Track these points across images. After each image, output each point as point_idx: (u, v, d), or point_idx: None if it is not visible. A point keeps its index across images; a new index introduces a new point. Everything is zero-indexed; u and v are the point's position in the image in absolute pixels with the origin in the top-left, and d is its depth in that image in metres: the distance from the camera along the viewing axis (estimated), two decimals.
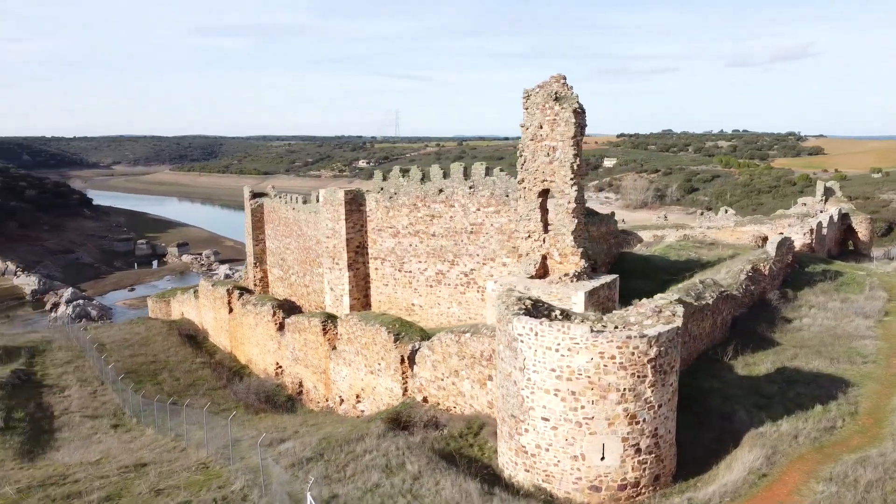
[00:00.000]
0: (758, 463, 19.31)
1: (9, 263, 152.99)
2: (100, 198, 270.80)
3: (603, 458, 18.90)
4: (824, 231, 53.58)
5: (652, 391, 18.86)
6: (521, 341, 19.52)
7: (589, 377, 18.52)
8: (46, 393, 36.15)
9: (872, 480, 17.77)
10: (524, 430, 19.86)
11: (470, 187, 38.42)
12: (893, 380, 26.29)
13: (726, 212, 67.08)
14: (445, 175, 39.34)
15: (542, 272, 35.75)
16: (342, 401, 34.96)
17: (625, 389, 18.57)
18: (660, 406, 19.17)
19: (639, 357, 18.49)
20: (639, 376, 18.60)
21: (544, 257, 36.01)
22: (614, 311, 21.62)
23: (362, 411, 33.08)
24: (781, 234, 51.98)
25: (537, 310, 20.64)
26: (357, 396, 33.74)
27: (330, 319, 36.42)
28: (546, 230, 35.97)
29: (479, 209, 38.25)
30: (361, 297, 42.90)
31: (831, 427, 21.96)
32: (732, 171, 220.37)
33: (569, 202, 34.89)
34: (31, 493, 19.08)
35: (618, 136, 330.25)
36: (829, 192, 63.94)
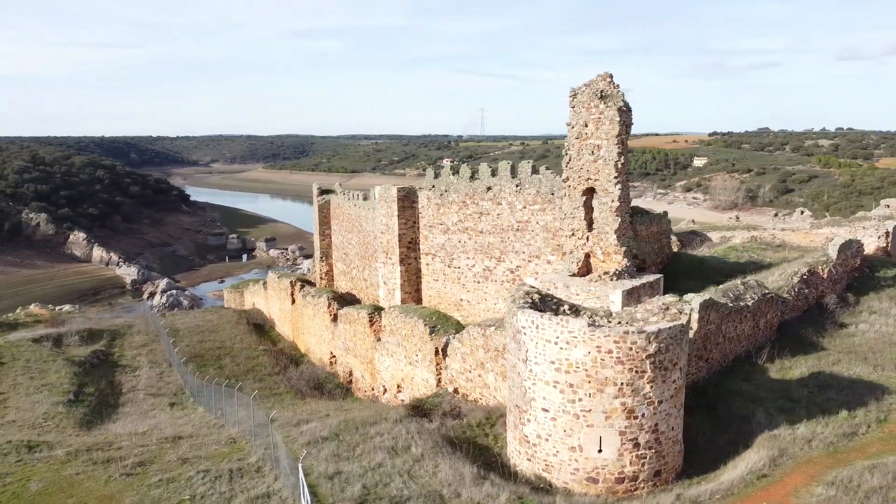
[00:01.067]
0: (760, 464, 19.10)
1: (112, 254, 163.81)
2: (198, 194, 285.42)
3: (600, 451, 19.19)
4: None
5: (651, 387, 18.99)
6: (524, 334, 20.05)
7: (586, 370, 18.86)
8: (119, 372, 39.17)
9: (876, 487, 17.31)
10: (526, 420, 20.38)
11: (517, 185, 38.89)
12: None
13: (802, 213, 64.42)
14: (493, 173, 39.94)
15: (586, 270, 35.86)
16: (385, 390, 36.23)
17: (622, 384, 18.79)
18: (660, 402, 19.26)
19: (637, 352, 18.67)
20: (637, 371, 18.78)
21: (588, 255, 36.11)
22: (625, 308, 21.77)
23: (402, 400, 34.19)
24: (853, 237, 49.73)
25: (545, 304, 21.08)
26: (398, 386, 34.92)
27: (377, 312, 37.79)
28: (590, 228, 36.06)
29: (525, 207, 38.66)
30: (413, 291, 44.08)
31: (852, 433, 21.33)
32: (832, 172, 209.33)
33: (612, 201, 34.88)
34: (78, 455, 21.16)
35: (710, 135, 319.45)
36: None
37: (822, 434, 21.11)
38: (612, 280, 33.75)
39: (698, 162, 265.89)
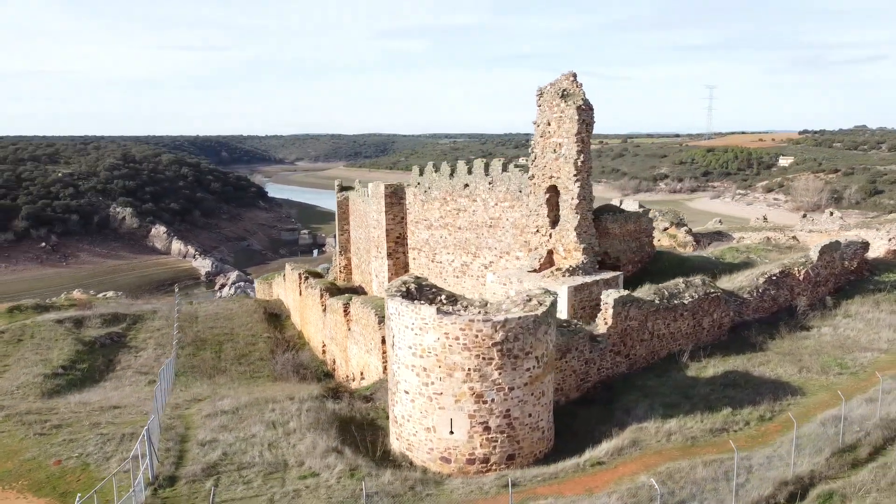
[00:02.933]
0: (602, 452, 19.71)
1: (189, 247, 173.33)
2: (280, 191, 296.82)
3: (452, 433, 20.25)
4: None
5: (500, 374, 19.88)
6: (392, 320, 21.33)
7: (437, 355, 19.97)
8: (124, 352, 42.66)
9: (700, 478, 17.72)
10: (395, 401, 21.65)
11: (489, 183, 39.83)
12: (852, 392, 24.55)
13: (831, 214, 61.92)
14: (470, 171, 41.00)
15: (549, 266, 36.49)
16: (353, 378, 38.04)
17: (470, 369, 19.79)
18: (511, 389, 20.12)
19: (483, 340, 19.62)
20: (484, 358, 19.73)
21: (550, 252, 36.77)
22: (507, 300, 22.62)
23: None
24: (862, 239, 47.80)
25: (422, 293, 22.26)
26: (361, 373, 36.65)
27: (349, 302, 39.61)
28: (554, 226, 36.67)
29: (496, 204, 39.57)
30: None
31: (723, 430, 21.49)
32: None
33: (573, 198, 35.42)
34: (12, 418, 24.00)
35: (799, 133, 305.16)
36: None
37: (690, 428, 21.39)
38: (563, 276, 34.31)
39: (784, 161, 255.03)
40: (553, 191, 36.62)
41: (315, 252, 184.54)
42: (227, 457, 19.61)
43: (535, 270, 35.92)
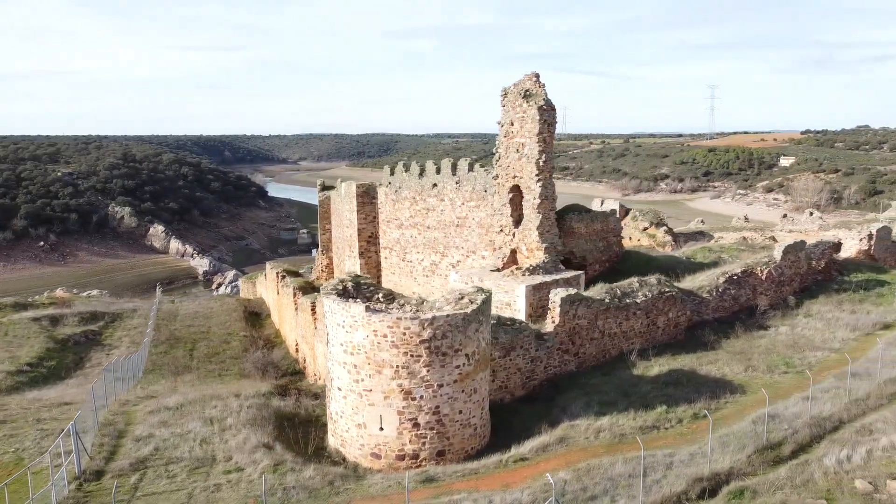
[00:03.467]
0: (526, 449, 19.95)
1: (188, 247, 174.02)
2: (283, 191, 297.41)
3: (382, 429, 20.53)
4: None
5: (428, 371, 20.15)
6: (326, 318, 21.63)
7: (366, 352, 20.25)
8: (97, 350, 43.09)
9: (618, 474, 17.92)
10: (331, 398, 21.96)
11: (457, 182, 40.11)
12: (793, 390, 24.75)
13: (811, 214, 61.98)
14: (438, 171, 41.27)
15: (512, 265, 36.73)
16: (319, 375, 38.33)
17: (398, 367, 20.06)
18: (440, 386, 20.38)
19: (411, 337, 19.89)
20: (412, 355, 19.99)
21: (514, 251, 37.01)
22: (443, 296, 22.85)
23: None
24: (838, 239, 47.93)
25: (359, 291, 22.54)
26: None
27: (317, 301, 39.90)
28: (517, 225, 36.90)
29: (463, 203, 39.84)
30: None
31: (654, 427, 21.70)
32: None
33: (534, 198, 35.66)
34: None
35: (802, 133, 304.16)
36: None
37: (621, 426, 21.61)
38: (523, 275, 34.55)
39: (785, 161, 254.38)
40: (516, 190, 36.88)
41: (314, 251, 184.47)
42: (157, 452, 19.95)
43: (498, 269, 36.19)
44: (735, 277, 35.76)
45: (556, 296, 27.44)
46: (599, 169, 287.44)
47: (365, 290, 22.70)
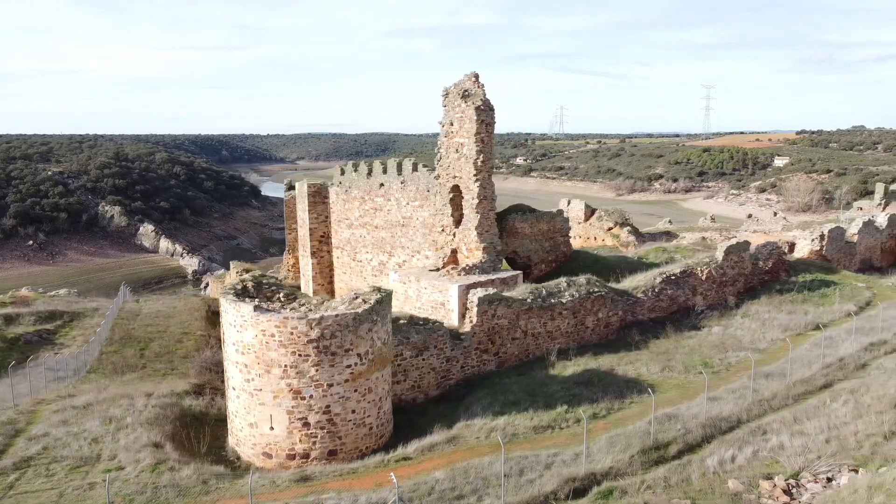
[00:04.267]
0: (411, 449, 20.03)
1: (177, 246, 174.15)
2: (280, 190, 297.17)
3: (272, 429, 20.60)
4: (855, 237, 48.30)
5: (317, 370, 20.22)
6: (222, 318, 21.72)
7: (255, 352, 20.33)
8: (46, 349, 43.12)
9: (494, 474, 17.98)
10: (228, 397, 22.04)
11: (402, 182, 40.15)
12: (703, 390, 24.74)
13: (775, 215, 61.89)
14: (385, 171, 41.33)
15: (453, 265, 36.75)
16: None
17: (286, 366, 20.14)
18: (330, 385, 20.45)
19: (298, 337, 19.97)
20: (300, 355, 20.07)
21: (454, 251, 37.06)
22: (340, 297, 22.93)
23: None
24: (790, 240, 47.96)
25: (261, 291, 22.61)
26: None
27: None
28: (457, 225, 36.96)
29: (408, 203, 39.88)
30: (326, 283, 46.08)
31: (549, 427, 21.75)
32: None
33: (473, 198, 35.73)
34: None
35: (797, 133, 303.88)
36: (893, 196, 56.54)
37: (516, 426, 21.67)
38: (459, 275, 34.59)
39: (779, 161, 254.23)
40: (457, 190, 36.95)
41: None
42: (46, 450, 20.07)
43: (437, 269, 36.25)
44: (673, 278, 35.78)
45: (474, 296, 27.50)
46: (594, 169, 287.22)
47: (266, 289, 22.78)
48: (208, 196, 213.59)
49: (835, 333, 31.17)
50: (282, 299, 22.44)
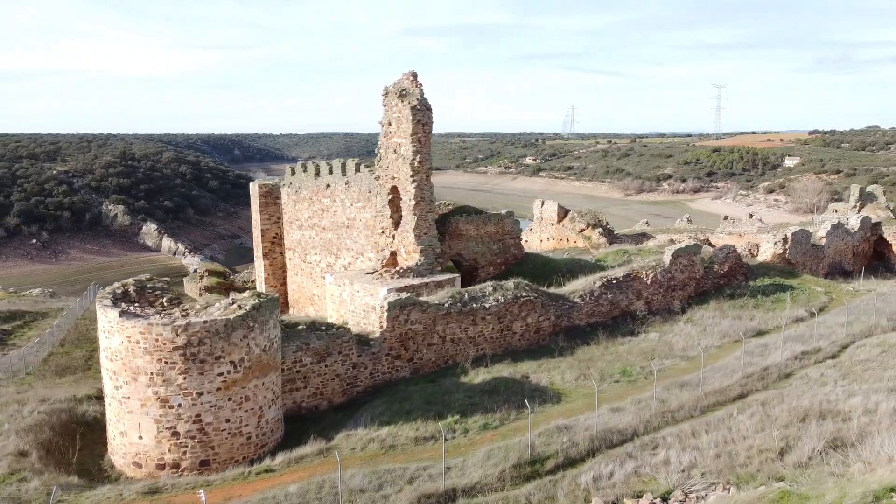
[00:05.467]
0: (278, 461, 19.39)
1: (180, 245, 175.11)
2: None
3: (141, 437, 20.03)
4: (823, 241, 46.99)
5: (185, 378, 19.61)
6: (98, 323, 21.17)
7: (122, 359, 19.76)
8: None
9: (355, 488, 17.30)
10: (106, 405, 21.49)
11: (346, 183, 39.51)
12: (612, 400, 23.89)
13: (751, 216, 60.58)
14: (331, 171, 40.71)
15: (393, 267, 36.05)
16: None
17: (153, 374, 19.55)
18: (199, 394, 19.83)
19: (164, 344, 19.37)
20: (166, 362, 19.47)
21: (394, 253, 36.39)
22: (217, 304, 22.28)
23: None
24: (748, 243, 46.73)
25: (143, 295, 22.05)
26: None
27: None
28: (396, 227, 36.28)
29: (352, 204, 39.24)
30: (279, 285, 45.54)
31: (432, 438, 20.96)
32: None
33: (410, 199, 35.05)
34: None
35: (809, 133, 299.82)
36: (868, 198, 55.11)
37: (398, 436, 20.93)
38: (391, 278, 33.93)
39: (789, 162, 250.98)
40: (396, 192, 36.25)
41: None
42: None
43: (373, 272, 35.59)
44: (615, 282, 34.83)
45: (384, 300, 26.77)
46: (603, 169, 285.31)
47: (149, 293, 22.23)
48: (213, 195, 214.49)
49: (772, 340, 30.10)
50: (164, 304, 21.88)
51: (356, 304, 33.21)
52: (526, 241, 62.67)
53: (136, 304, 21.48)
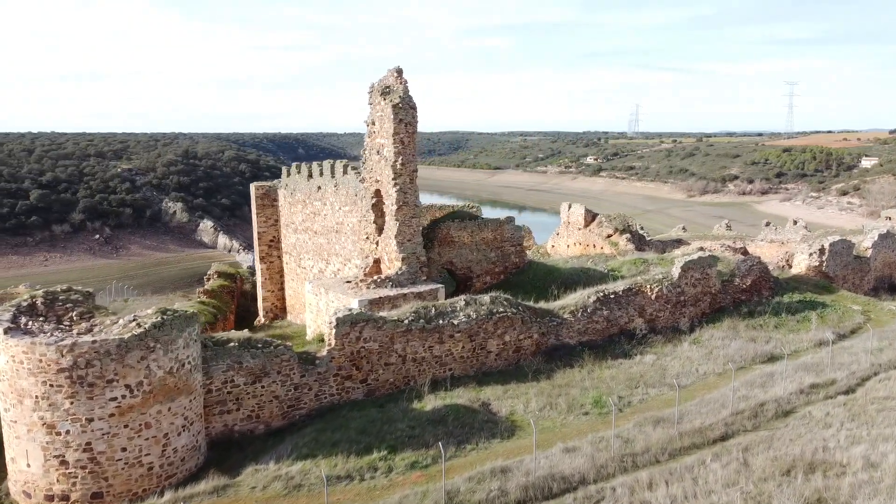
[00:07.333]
0: (164, 499, 17.43)
1: (234, 242, 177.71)
2: None
3: (29, 465, 18.41)
4: (868, 252, 42.34)
5: (72, 403, 17.87)
6: None
7: (8, 380, 18.19)
8: None
9: None
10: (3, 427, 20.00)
11: (335, 186, 37.57)
12: (572, 436, 21.06)
13: (795, 223, 55.71)
14: (322, 173, 38.86)
15: (377, 275, 33.94)
16: None
17: (38, 397, 17.89)
18: (90, 420, 18.05)
19: (48, 365, 17.67)
20: (52, 385, 17.78)
21: (377, 261, 34.31)
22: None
23: None
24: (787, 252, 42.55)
25: (52, 308, 20.51)
26: None
27: None
28: (380, 232, 34.17)
29: (340, 208, 37.30)
30: (277, 290, 44.01)
31: (348, 477, 18.63)
32: None
33: (392, 203, 32.98)
34: None
35: (890, 132, 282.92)
36: None
37: (310, 474, 18.65)
38: (368, 287, 31.82)
39: (866, 162, 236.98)
40: (379, 195, 34.08)
41: None
42: None
43: (349, 281, 33.53)
44: (612, 296, 31.66)
45: (333, 316, 24.57)
46: (666, 169, 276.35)
47: (59, 306, 20.66)
48: None
49: (781, 368, 26.43)
50: (74, 318, 20.29)
51: (331, 315, 31.17)
52: (553, 247, 59.62)
53: (42, 318, 19.96)
